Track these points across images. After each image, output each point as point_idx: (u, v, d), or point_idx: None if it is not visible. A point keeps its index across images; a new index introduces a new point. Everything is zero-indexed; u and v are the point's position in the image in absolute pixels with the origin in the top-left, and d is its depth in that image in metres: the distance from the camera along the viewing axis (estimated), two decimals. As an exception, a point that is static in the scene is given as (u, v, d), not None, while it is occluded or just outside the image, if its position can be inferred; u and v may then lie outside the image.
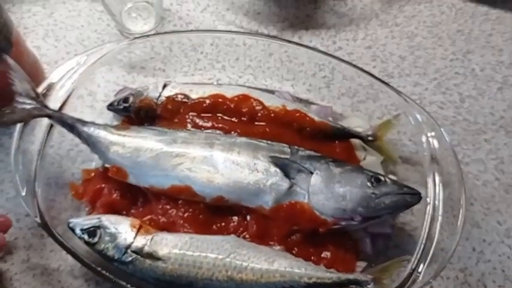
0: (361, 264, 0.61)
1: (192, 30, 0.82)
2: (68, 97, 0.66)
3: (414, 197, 0.59)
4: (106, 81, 0.76)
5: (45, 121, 0.64)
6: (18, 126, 0.62)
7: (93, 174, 0.66)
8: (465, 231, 0.67)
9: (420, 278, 0.55)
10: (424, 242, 0.57)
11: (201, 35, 0.78)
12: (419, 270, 0.55)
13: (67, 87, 0.67)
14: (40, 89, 0.64)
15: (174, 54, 0.78)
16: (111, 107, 0.71)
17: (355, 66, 0.69)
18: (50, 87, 0.66)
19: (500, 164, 0.73)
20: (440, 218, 0.59)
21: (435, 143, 0.63)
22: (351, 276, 0.56)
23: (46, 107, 0.62)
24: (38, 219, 0.57)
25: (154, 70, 0.78)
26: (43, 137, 0.64)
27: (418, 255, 0.57)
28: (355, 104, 0.75)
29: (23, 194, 0.58)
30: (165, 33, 0.79)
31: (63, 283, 0.63)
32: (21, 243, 0.65)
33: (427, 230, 0.58)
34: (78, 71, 0.67)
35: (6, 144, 0.71)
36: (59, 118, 0.63)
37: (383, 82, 0.67)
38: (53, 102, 0.65)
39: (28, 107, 0.60)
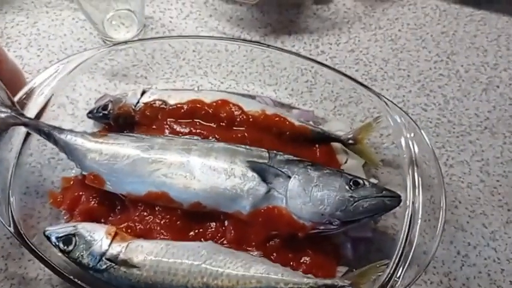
0: (342, 269, 0.60)
1: (173, 36, 0.81)
2: (47, 105, 0.66)
3: (394, 200, 0.58)
4: (87, 89, 0.76)
5: (23, 129, 0.64)
6: (-5, 134, 0.62)
7: (72, 182, 0.65)
8: (449, 235, 0.66)
9: (399, 282, 0.54)
10: (403, 245, 0.56)
11: (183, 41, 0.78)
12: (398, 274, 0.54)
13: (45, 94, 0.66)
14: (18, 97, 0.64)
15: (156, 61, 0.78)
16: (90, 114, 0.70)
17: (336, 70, 0.68)
18: (28, 95, 0.65)
19: (485, 166, 0.72)
20: (419, 221, 0.58)
21: (415, 146, 0.63)
22: (328, 282, 0.55)
23: (22, 115, 0.62)
24: (11, 228, 0.56)
25: (136, 77, 0.78)
26: (20, 145, 0.63)
27: (397, 259, 0.55)
28: (338, 107, 0.74)
29: (-2, 202, 0.58)
30: (146, 39, 0.79)
31: (41, 293, 0.62)
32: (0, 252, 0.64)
33: (406, 233, 0.57)
34: (57, 77, 0.67)
35: (-17, 152, 0.71)
36: (35, 126, 0.62)
37: (363, 86, 0.67)
38: (32, 110, 0.64)
39: (3, 115, 0.60)
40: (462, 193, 0.69)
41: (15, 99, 0.63)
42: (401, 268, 0.55)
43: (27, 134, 0.64)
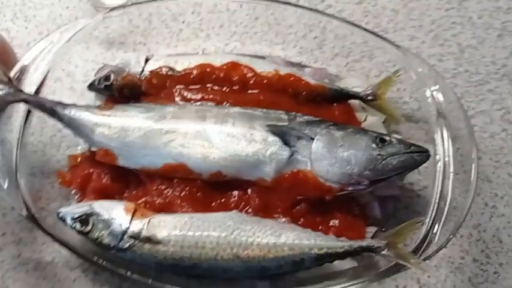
0: (371, 230, 0.59)
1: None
2: (44, 80, 0.62)
3: (422, 155, 0.56)
4: (84, 60, 0.71)
5: (22, 108, 0.60)
6: (-6, 115, 0.57)
7: (79, 159, 0.62)
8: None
9: (436, 239, 0.52)
10: (437, 201, 0.55)
11: (180, 3, 0.73)
12: (435, 231, 0.53)
13: (42, 69, 0.62)
14: (12, 74, 0.59)
15: (154, 26, 0.73)
16: (92, 87, 0.66)
17: (347, 21, 0.66)
18: (22, 71, 0.61)
19: (507, 114, 0.70)
20: (451, 175, 0.56)
21: (440, 97, 0.60)
22: (363, 243, 0.53)
23: (21, 91, 0.57)
24: (23, 212, 0.53)
25: (135, 44, 0.73)
26: (21, 124, 0.59)
27: (433, 216, 0.54)
28: (350, 63, 0.71)
29: (5, 186, 0.54)
30: (142, 2, 0.73)
31: (59, 276, 0.59)
32: (10, 238, 0.61)
33: (439, 189, 0.55)
34: (52, 50, 0.63)
35: (-18, 135, 0.67)
36: (37, 102, 0.58)
37: (378, 36, 0.65)
38: (28, 87, 0.60)
39: (0, 92, 0.56)
40: (485, 143, 0.68)
41: (9, 75, 0.59)
42: (437, 225, 0.53)
43: (27, 113, 0.60)
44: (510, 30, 0.76)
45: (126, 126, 0.58)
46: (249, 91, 0.63)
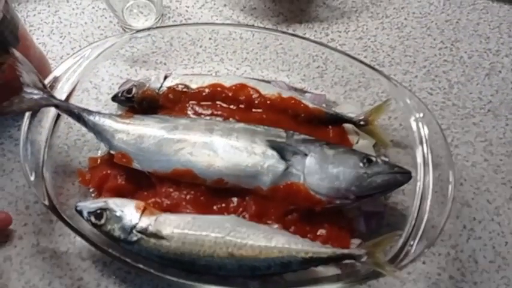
0: (356, 242, 0.64)
1: (190, 24, 0.85)
2: (73, 90, 0.70)
3: (405, 176, 0.62)
4: (110, 74, 0.79)
5: (52, 113, 0.67)
6: (26, 118, 0.64)
7: (99, 161, 0.69)
8: (456, 210, 0.70)
9: (412, 251, 0.58)
10: (415, 218, 0.60)
11: (199, 30, 0.81)
12: (411, 244, 0.58)
13: (72, 80, 0.69)
14: (46, 82, 0.67)
15: (174, 49, 0.81)
16: (115, 98, 0.74)
17: (346, 54, 0.72)
18: (55, 80, 0.69)
19: (489, 146, 0.75)
20: (430, 196, 0.62)
21: (425, 126, 0.66)
22: (345, 251, 0.58)
23: (53, 97, 0.65)
24: (46, 202, 0.60)
25: (156, 64, 0.81)
26: (50, 127, 0.67)
27: (409, 231, 0.59)
28: (348, 92, 0.77)
29: (32, 178, 0.61)
30: (165, 26, 0.82)
31: (72, 265, 0.65)
32: (31, 228, 0.67)
33: (417, 208, 0.61)
34: (82, 64, 0.70)
35: (15, 135, 0.74)
36: (66, 108, 0.66)
37: (373, 68, 0.70)
38: (59, 95, 0.67)
39: (36, 97, 0.63)
40: (467, 171, 0.73)
41: (44, 83, 0.66)
42: (413, 239, 0.59)
43: (56, 118, 0.68)
44: (497, 70, 0.82)
45: (143, 134, 0.65)
46: (254, 110, 0.69)
